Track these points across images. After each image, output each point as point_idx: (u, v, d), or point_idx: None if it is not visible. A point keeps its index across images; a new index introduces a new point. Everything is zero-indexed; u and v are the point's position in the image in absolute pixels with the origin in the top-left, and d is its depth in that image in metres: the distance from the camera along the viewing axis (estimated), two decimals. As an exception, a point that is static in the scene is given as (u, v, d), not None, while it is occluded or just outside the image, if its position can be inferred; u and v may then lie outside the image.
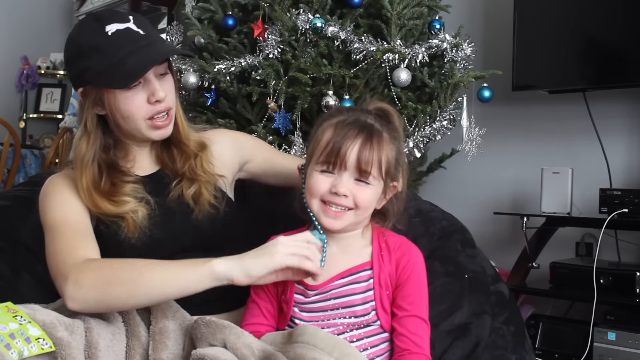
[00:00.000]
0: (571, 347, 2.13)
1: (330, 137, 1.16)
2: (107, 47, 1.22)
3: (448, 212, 1.51)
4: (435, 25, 2.30)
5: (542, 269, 2.37)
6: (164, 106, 1.27)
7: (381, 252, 1.21)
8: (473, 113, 2.23)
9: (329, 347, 1.05)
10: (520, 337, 1.31)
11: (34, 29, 5.00)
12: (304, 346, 1.05)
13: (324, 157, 1.16)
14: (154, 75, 1.26)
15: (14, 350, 0.96)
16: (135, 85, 1.23)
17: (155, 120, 1.27)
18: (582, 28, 2.46)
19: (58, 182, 1.30)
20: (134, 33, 1.24)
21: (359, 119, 1.18)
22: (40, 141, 4.99)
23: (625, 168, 2.49)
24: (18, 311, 1.03)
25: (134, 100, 1.24)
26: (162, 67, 1.28)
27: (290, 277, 1.16)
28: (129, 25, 1.24)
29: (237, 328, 1.11)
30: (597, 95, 2.48)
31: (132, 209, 1.26)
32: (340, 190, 1.15)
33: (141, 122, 1.26)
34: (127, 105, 1.24)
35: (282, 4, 2.24)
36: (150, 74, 1.24)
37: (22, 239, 1.45)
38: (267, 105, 2.23)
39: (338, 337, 1.09)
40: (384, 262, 1.20)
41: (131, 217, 1.25)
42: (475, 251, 1.41)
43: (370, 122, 1.18)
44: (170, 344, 1.15)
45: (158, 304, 1.16)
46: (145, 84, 1.25)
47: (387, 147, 1.17)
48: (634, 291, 2.08)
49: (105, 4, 4.68)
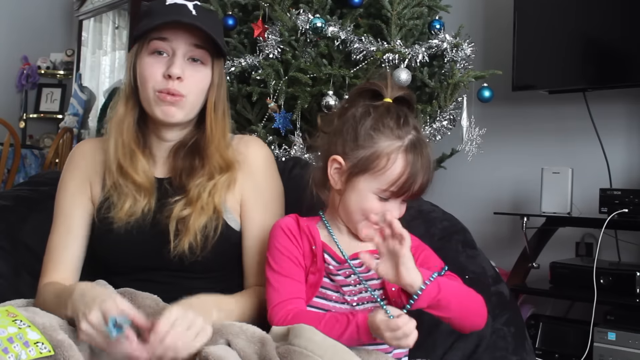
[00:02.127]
0: (571, 347, 2.13)
1: (403, 169, 1.12)
2: (156, 11, 1.24)
3: (448, 212, 1.51)
4: (435, 25, 2.30)
5: (542, 269, 2.37)
6: (176, 88, 1.23)
7: None
8: (473, 113, 2.23)
9: (328, 354, 1.01)
10: (520, 338, 1.31)
11: (34, 29, 5.01)
12: (300, 352, 1.01)
13: (395, 188, 1.13)
14: (183, 55, 1.24)
15: (12, 354, 0.95)
16: (160, 54, 1.24)
17: (163, 94, 1.23)
18: (582, 28, 2.46)
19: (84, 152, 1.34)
20: (185, 8, 1.24)
21: (420, 138, 1.15)
22: (40, 141, 4.99)
23: (625, 168, 2.49)
24: (18, 315, 1.02)
25: (152, 66, 1.23)
26: (199, 52, 1.25)
27: None
28: (186, 3, 1.25)
29: (235, 325, 1.09)
30: (597, 95, 2.48)
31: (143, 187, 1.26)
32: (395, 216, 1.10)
33: (151, 91, 1.24)
34: (146, 70, 1.24)
35: (282, 4, 2.24)
36: (179, 51, 1.23)
37: (22, 238, 1.45)
38: (267, 105, 2.23)
39: (337, 342, 1.05)
40: None
41: (134, 196, 1.25)
42: (476, 252, 1.41)
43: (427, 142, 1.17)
44: None
45: None
46: (171, 58, 1.23)
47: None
48: (634, 291, 2.08)
49: (105, 4, 4.68)
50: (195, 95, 1.26)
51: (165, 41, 1.24)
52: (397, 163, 1.12)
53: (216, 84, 1.29)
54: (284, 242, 1.18)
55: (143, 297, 1.19)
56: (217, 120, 1.29)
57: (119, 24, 4.86)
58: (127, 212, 1.24)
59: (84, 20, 4.98)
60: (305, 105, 2.19)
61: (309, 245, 1.18)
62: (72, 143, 4.35)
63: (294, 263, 1.17)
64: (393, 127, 1.14)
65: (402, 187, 1.12)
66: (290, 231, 1.19)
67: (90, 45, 5.00)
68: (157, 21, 1.23)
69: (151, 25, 1.23)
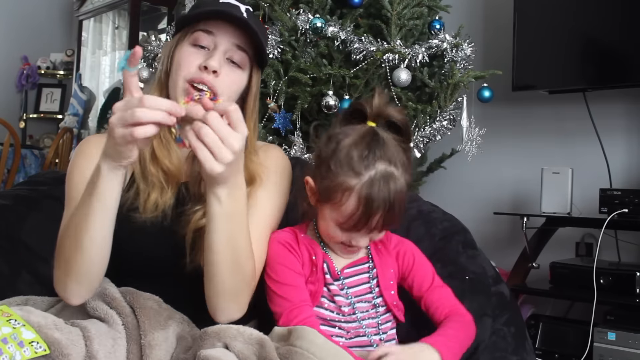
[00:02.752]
0: (571, 347, 2.13)
1: (356, 207, 1.09)
2: (208, 3, 1.23)
3: (448, 212, 1.51)
4: (435, 25, 2.30)
5: (542, 269, 2.37)
6: (209, 80, 1.18)
7: (377, 247, 1.24)
8: (473, 113, 2.23)
9: (329, 357, 1.00)
10: (521, 339, 1.31)
11: (34, 29, 5.01)
12: (301, 353, 1.00)
13: (348, 226, 1.11)
14: (224, 52, 1.21)
15: (6, 355, 0.94)
16: (202, 48, 1.21)
17: (192, 87, 1.18)
18: (582, 28, 2.46)
19: (89, 145, 1.25)
20: (237, 8, 1.21)
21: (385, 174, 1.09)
22: (40, 141, 4.99)
23: (625, 168, 2.49)
24: (12, 314, 1.01)
25: (190, 55, 1.20)
26: (239, 54, 1.22)
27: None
28: (239, 5, 1.22)
29: (232, 328, 1.08)
30: (597, 95, 2.48)
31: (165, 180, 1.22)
32: (361, 245, 1.16)
33: (181, 80, 1.20)
34: (183, 58, 1.20)
35: (282, 4, 2.24)
36: (221, 47, 1.20)
37: (21, 237, 1.45)
38: (267, 105, 2.23)
39: (338, 347, 1.04)
40: (383, 255, 1.24)
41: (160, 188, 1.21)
42: (476, 252, 1.41)
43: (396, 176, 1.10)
44: (161, 355, 1.14)
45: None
46: (211, 52, 1.20)
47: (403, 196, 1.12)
48: (634, 291, 2.08)
49: (105, 4, 4.68)
50: (228, 96, 1.21)
51: (209, 34, 1.21)
52: (351, 200, 1.09)
53: (254, 93, 1.26)
54: (283, 254, 1.19)
55: (145, 298, 1.18)
56: (250, 131, 1.23)
57: (118, 24, 4.87)
58: (154, 203, 1.21)
59: (84, 20, 4.98)
60: (305, 105, 2.19)
61: (309, 255, 1.20)
62: (72, 143, 4.35)
63: (296, 272, 1.18)
64: (356, 161, 1.10)
65: (357, 223, 1.10)
66: (288, 243, 1.20)
67: (90, 45, 5.01)
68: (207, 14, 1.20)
69: (200, 11, 1.21)
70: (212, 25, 1.21)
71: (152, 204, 1.21)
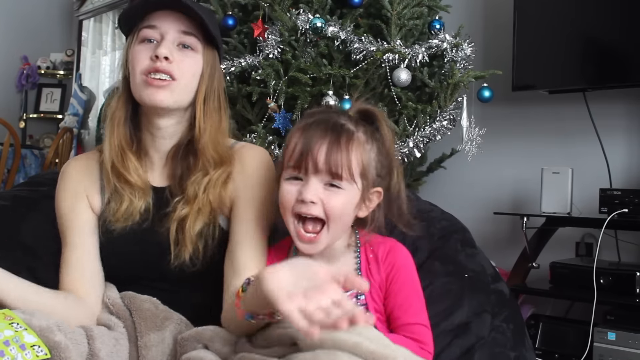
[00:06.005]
0: (571, 347, 2.13)
1: (297, 140, 1.10)
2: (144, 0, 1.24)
3: (448, 212, 1.51)
4: (435, 25, 2.30)
5: (542, 269, 2.37)
6: (163, 67, 1.20)
7: (369, 265, 1.16)
8: (473, 113, 2.24)
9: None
10: (520, 335, 1.31)
11: (34, 29, 5.00)
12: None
13: (292, 162, 1.09)
14: (172, 41, 1.22)
15: (8, 357, 0.95)
16: (150, 42, 1.22)
17: (150, 77, 1.20)
18: (582, 28, 2.46)
19: (69, 173, 1.31)
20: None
21: (329, 119, 1.11)
22: (40, 141, 4.99)
23: (625, 168, 2.49)
24: (14, 318, 1.02)
25: (141, 52, 1.22)
26: (188, 39, 1.23)
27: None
28: None
29: (208, 329, 1.11)
30: (597, 95, 2.48)
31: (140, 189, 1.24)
32: (307, 197, 1.07)
33: (139, 75, 1.21)
34: (135, 55, 1.22)
35: (282, 4, 2.24)
36: (168, 36, 1.22)
37: (21, 238, 1.45)
38: (267, 105, 2.24)
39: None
40: (373, 275, 1.16)
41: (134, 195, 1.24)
42: (475, 251, 1.41)
43: (342, 122, 1.11)
44: (157, 356, 1.15)
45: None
46: (159, 43, 1.22)
47: (361, 148, 1.10)
48: (634, 291, 2.08)
49: (105, 3, 4.68)
50: (187, 80, 1.23)
51: (153, 29, 1.23)
52: (294, 136, 1.11)
53: (207, 74, 1.26)
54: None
55: (142, 300, 1.20)
56: (209, 112, 1.25)
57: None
58: (124, 214, 1.22)
59: (84, 20, 4.98)
60: (305, 105, 2.19)
61: None
62: (72, 143, 4.35)
63: None
64: (306, 117, 1.15)
65: (299, 158, 1.08)
66: (286, 256, 1.20)
67: (90, 45, 5.01)
68: (143, 7, 1.23)
69: (138, 11, 1.23)
70: (154, 19, 1.23)
71: (123, 213, 1.23)
